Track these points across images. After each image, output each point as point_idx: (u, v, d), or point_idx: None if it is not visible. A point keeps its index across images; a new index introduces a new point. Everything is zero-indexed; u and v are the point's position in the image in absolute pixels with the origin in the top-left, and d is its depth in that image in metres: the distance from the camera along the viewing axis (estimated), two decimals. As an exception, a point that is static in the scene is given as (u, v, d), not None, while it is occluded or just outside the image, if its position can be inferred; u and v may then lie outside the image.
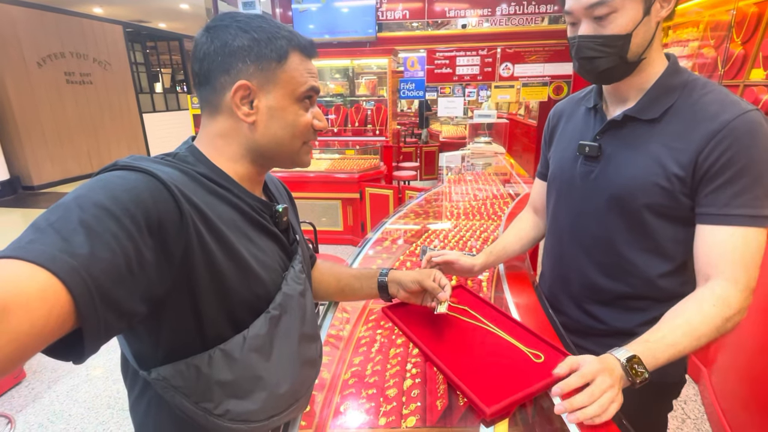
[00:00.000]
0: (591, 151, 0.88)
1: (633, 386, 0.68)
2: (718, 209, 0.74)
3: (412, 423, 0.73)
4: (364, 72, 5.80)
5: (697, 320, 0.73)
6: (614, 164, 0.85)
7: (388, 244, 1.63)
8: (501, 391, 0.75)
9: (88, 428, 1.97)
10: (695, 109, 0.77)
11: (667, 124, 0.80)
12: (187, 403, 0.54)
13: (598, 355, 0.72)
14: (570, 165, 0.94)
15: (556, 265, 1.04)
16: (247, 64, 0.58)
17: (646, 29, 0.76)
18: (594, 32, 0.77)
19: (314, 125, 0.65)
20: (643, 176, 0.80)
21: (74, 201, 0.42)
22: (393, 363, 0.90)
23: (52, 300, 0.35)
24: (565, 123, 1.01)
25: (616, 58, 0.77)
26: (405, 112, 8.82)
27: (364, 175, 4.01)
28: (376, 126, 5.08)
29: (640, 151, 0.82)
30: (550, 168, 1.04)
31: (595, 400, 0.65)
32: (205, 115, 0.63)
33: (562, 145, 0.98)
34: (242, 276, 0.57)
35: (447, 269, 1.11)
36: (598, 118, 0.90)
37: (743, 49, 1.94)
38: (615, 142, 0.86)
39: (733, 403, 1.77)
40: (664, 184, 0.78)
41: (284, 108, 0.61)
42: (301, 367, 0.64)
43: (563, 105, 1.05)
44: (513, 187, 2.63)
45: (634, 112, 0.82)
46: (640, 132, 0.82)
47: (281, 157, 0.65)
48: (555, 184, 1.00)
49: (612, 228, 0.87)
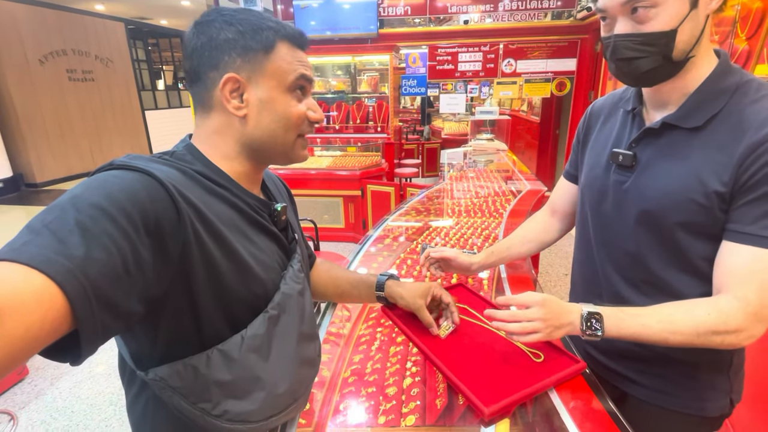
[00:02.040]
0: (624, 161, 0.80)
1: (582, 336, 0.74)
2: (743, 226, 0.67)
3: (411, 422, 0.73)
4: (365, 68, 5.78)
5: (680, 317, 0.70)
6: (648, 176, 0.77)
7: (389, 242, 1.63)
8: (500, 391, 0.75)
9: (90, 425, 1.98)
10: (743, 117, 0.68)
11: (711, 133, 0.70)
12: (185, 403, 0.53)
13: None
14: (603, 173, 0.85)
15: (586, 279, 0.96)
16: (233, 57, 0.57)
17: (694, 24, 0.67)
18: (633, 30, 0.68)
19: (309, 117, 0.64)
20: (679, 191, 0.72)
21: (70, 201, 0.41)
22: (393, 361, 0.89)
23: (48, 303, 0.35)
24: (601, 125, 0.92)
25: (659, 58, 0.68)
26: (407, 109, 8.79)
27: (366, 173, 4.00)
28: (377, 123, 5.07)
29: (678, 164, 0.73)
30: (582, 173, 0.94)
31: (517, 320, 0.75)
32: (198, 113, 0.62)
33: (597, 150, 0.90)
34: (240, 275, 0.56)
35: (445, 266, 1.11)
36: (636, 123, 0.81)
37: (748, 45, 1.92)
38: (651, 151, 0.77)
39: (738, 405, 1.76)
40: (702, 201, 0.70)
41: (274, 99, 0.60)
42: (299, 367, 0.64)
43: (601, 103, 0.95)
44: (515, 184, 2.61)
45: (674, 119, 0.73)
46: (680, 141, 0.74)
47: (275, 151, 0.64)
48: (586, 191, 0.92)
49: (643, 244, 0.79)
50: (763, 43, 1.82)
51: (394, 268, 1.37)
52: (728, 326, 0.67)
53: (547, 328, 0.74)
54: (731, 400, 0.84)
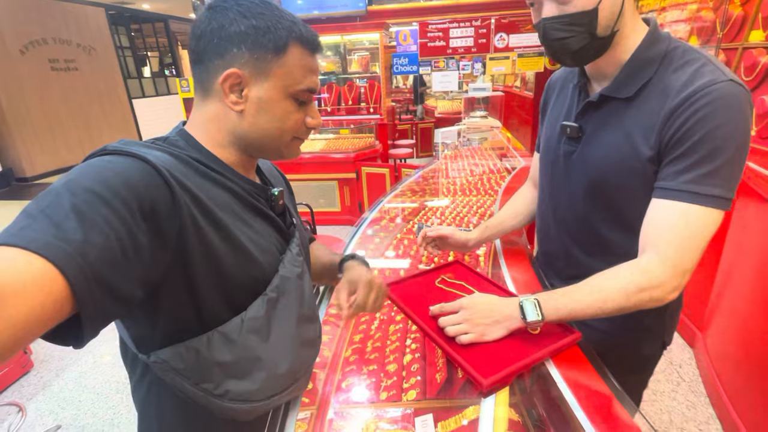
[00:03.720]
0: (572, 132, 0.86)
1: (527, 327, 0.80)
2: (664, 183, 0.72)
3: (412, 396, 0.74)
4: (355, 48, 5.67)
5: (608, 283, 0.74)
6: (591, 146, 0.83)
7: (385, 223, 1.63)
8: (498, 363, 0.76)
9: (98, 413, 2.01)
10: (667, 83, 0.73)
11: (642, 102, 0.76)
12: (187, 384, 0.54)
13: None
14: (555, 144, 0.92)
15: (543, 242, 1.05)
16: (242, 51, 0.56)
17: (613, 1, 0.71)
18: (558, 12, 0.72)
19: (307, 123, 0.63)
20: (616, 158, 0.78)
21: (64, 186, 0.41)
22: (393, 339, 0.91)
23: (49, 286, 0.35)
24: (556, 98, 0.98)
25: (587, 36, 0.72)
26: (399, 89, 8.67)
27: (360, 155, 3.98)
28: (370, 104, 5.00)
29: (614, 133, 0.79)
30: (541, 144, 1.01)
31: (452, 323, 0.84)
32: (197, 95, 0.61)
33: (551, 122, 0.96)
34: (238, 259, 0.57)
35: (442, 244, 1.12)
36: (582, 96, 0.86)
37: (743, 11, 1.89)
38: (594, 122, 0.83)
39: (727, 365, 1.81)
40: (636, 165, 0.76)
41: (274, 102, 0.59)
42: (300, 348, 0.65)
43: (556, 77, 1.01)
44: (509, 161, 2.61)
45: (609, 91, 0.79)
46: (616, 111, 0.79)
47: (268, 149, 0.63)
48: (542, 162, 0.99)
49: (589, 209, 0.86)
50: (758, 9, 1.80)
51: (391, 249, 1.38)
52: (651, 281, 0.70)
53: (476, 327, 0.81)
54: (663, 342, 0.94)
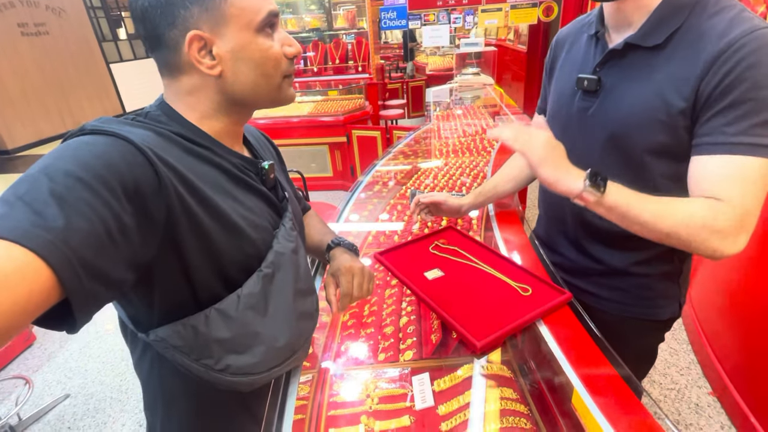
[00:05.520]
0: (589, 85, 0.80)
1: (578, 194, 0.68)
2: (718, 137, 0.65)
3: (409, 357, 0.77)
4: (341, 2, 5.40)
5: (679, 205, 0.67)
6: (613, 99, 0.78)
7: (379, 188, 1.63)
8: (490, 325, 0.79)
9: (105, 380, 2.08)
10: (702, 31, 0.67)
11: (672, 51, 0.70)
12: (188, 360, 0.55)
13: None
14: (568, 101, 0.87)
15: (550, 207, 1.01)
16: (189, 8, 0.52)
17: None
18: None
19: (286, 53, 0.59)
20: (643, 112, 0.72)
21: (42, 171, 0.40)
22: (389, 303, 0.93)
23: (32, 276, 0.35)
24: (566, 53, 0.92)
25: None
26: (388, 44, 8.34)
27: (350, 117, 3.88)
28: (358, 62, 4.84)
29: (641, 84, 0.73)
30: (548, 104, 0.96)
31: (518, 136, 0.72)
32: (165, 77, 0.57)
33: (563, 78, 0.90)
34: (230, 236, 0.56)
35: (435, 210, 1.12)
36: (600, 47, 0.81)
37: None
38: (616, 74, 0.77)
39: (710, 312, 1.89)
40: (665, 119, 0.70)
41: (246, 45, 0.55)
42: (297, 321, 0.66)
43: (566, 32, 0.95)
44: (502, 120, 2.57)
45: (636, 39, 0.73)
46: (643, 62, 0.73)
47: (261, 98, 0.60)
48: (552, 121, 0.93)
49: (606, 166, 0.77)
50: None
51: (385, 214, 1.38)
52: (716, 223, 0.64)
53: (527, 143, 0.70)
54: (680, 304, 0.92)
